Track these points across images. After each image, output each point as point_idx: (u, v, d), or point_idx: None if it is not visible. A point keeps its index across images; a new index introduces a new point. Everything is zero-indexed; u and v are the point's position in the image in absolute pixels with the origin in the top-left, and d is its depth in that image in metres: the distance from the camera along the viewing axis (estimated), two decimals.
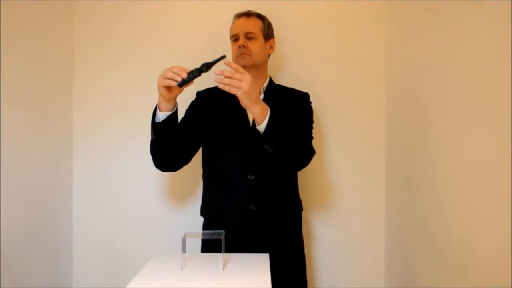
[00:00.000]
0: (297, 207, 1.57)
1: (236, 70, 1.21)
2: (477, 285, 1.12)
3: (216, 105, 1.53)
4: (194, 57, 1.87)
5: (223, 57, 1.22)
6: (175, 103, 1.35)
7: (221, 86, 1.22)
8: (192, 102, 1.60)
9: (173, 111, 1.34)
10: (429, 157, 1.44)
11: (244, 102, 1.24)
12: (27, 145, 1.58)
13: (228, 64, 1.22)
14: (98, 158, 1.89)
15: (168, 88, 1.26)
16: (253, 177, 1.44)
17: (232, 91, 1.22)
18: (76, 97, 1.89)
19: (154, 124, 1.35)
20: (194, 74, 1.22)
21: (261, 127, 1.27)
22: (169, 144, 1.39)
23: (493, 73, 1.06)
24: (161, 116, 1.33)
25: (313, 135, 1.54)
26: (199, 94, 1.61)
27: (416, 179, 1.55)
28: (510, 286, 0.98)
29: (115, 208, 1.89)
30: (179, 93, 1.30)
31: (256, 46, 1.49)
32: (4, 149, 1.43)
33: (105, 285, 1.88)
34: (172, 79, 1.22)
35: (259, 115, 1.26)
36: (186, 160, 1.52)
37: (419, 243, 1.53)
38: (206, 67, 1.22)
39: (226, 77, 1.21)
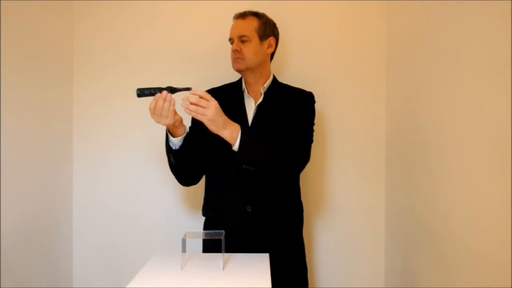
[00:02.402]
0: (297, 209, 1.56)
1: (201, 97, 1.24)
2: (477, 285, 1.12)
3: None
4: (195, 57, 1.89)
5: (189, 89, 1.28)
6: (184, 125, 1.37)
7: (187, 112, 1.25)
8: None
9: (186, 132, 1.37)
10: (429, 158, 1.44)
11: (211, 128, 1.27)
12: (27, 146, 1.57)
13: (192, 93, 1.25)
14: (98, 158, 1.89)
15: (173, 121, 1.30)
16: (250, 180, 1.43)
17: (198, 117, 1.25)
18: (76, 97, 1.89)
19: (172, 151, 1.38)
20: (155, 91, 1.26)
21: (235, 148, 1.31)
22: (190, 164, 1.44)
23: (493, 72, 1.06)
24: (176, 141, 1.36)
25: (314, 135, 1.54)
26: None
27: (416, 179, 1.55)
28: (510, 286, 0.98)
29: (115, 208, 1.89)
30: (179, 117, 1.33)
31: (249, 49, 1.47)
32: (4, 149, 1.43)
33: (105, 285, 1.88)
34: (164, 112, 1.26)
35: (229, 138, 1.30)
36: (204, 171, 1.55)
37: (419, 243, 1.53)
38: (171, 90, 1.27)
39: (192, 103, 1.23)
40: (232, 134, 1.29)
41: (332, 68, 1.89)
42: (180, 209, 1.90)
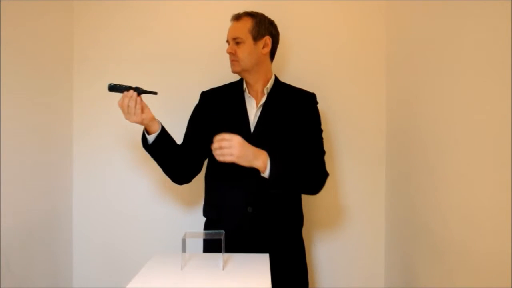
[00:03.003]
0: (297, 209, 1.55)
1: (222, 139, 1.25)
2: (477, 285, 1.12)
3: (218, 107, 1.52)
4: (195, 57, 1.89)
5: (155, 93, 1.34)
6: (158, 121, 1.40)
7: (218, 158, 1.26)
8: (196, 106, 1.59)
9: (160, 130, 1.40)
10: (429, 157, 1.44)
11: (243, 164, 1.28)
12: (27, 146, 1.57)
13: (214, 141, 1.27)
14: (98, 158, 1.89)
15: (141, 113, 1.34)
16: (251, 180, 1.43)
17: (227, 159, 1.26)
18: (76, 97, 1.89)
19: (147, 148, 1.42)
20: (125, 88, 1.33)
21: (266, 175, 1.32)
22: (172, 162, 1.47)
23: (493, 72, 1.06)
24: (150, 138, 1.40)
25: None
26: (203, 94, 1.59)
27: (416, 179, 1.55)
28: (510, 286, 0.98)
29: (115, 208, 1.89)
30: (149, 115, 1.36)
31: (243, 51, 1.46)
32: (4, 149, 1.43)
33: (105, 285, 1.88)
34: (130, 110, 1.32)
35: (261, 167, 1.31)
36: (197, 170, 1.57)
37: (419, 243, 1.53)
38: (137, 91, 1.33)
39: (216, 148, 1.25)
40: (264, 163, 1.30)
41: (332, 68, 1.89)
42: (180, 209, 1.90)
